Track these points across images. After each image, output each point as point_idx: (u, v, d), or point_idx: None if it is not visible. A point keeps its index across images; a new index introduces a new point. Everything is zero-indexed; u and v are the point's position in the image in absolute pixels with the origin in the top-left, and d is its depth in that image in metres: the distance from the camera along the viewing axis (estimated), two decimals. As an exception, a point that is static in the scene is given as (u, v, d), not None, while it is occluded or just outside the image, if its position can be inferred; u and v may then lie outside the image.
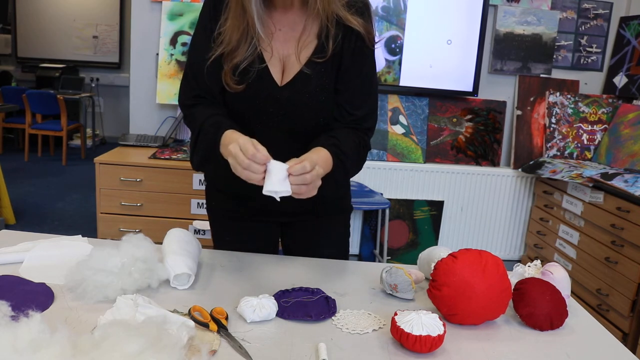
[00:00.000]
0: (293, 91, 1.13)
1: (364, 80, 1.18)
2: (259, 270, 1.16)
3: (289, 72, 1.14)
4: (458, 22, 3.25)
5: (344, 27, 1.12)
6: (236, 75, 1.11)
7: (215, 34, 1.10)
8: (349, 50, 1.14)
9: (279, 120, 1.15)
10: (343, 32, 1.12)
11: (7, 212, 3.59)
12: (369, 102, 1.20)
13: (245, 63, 1.10)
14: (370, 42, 1.15)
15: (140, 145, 3.05)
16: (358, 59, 1.15)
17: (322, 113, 1.16)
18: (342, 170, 1.14)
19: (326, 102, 1.16)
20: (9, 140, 6.33)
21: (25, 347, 0.68)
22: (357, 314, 1.00)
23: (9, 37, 6.64)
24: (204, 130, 1.11)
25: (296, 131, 1.17)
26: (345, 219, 1.40)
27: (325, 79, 1.14)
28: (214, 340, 0.86)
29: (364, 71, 1.17)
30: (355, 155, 1.17)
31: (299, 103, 1.13)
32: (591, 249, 2.77)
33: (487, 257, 0.97)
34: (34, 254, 1.11)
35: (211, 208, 1.36)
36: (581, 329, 1.02)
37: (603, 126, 3.40)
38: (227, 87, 1.12)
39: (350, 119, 1.18)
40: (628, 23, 3.40)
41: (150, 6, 3.14)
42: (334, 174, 1.10)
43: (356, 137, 1.17)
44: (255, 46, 1.10)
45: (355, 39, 1.14)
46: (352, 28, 1.11)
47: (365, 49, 1.15)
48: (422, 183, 3.36)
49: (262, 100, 1.13)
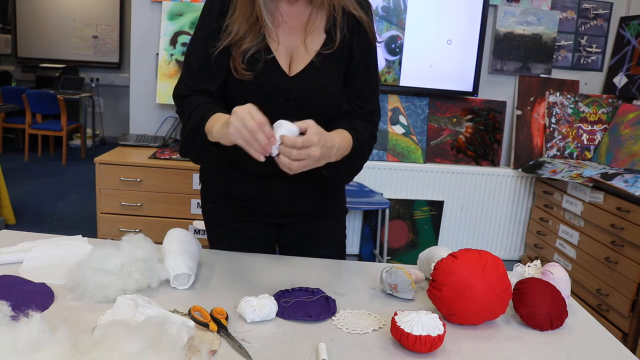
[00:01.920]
0: (303, 82, 1.14)
1: (372, 75, 1.22)
2: (259, 270, 1.16)
3: (298, 64, 1.15)
4: (458, 22, 3.25)
5: (350, 18, 1.15)
6: (244, 63, 1.11)
7: (224, 26, 1.11)
8: (358, 44, 1.17)
9: (288, 111, 1.15)
10: (351, 25, 1.15)
11: (7, 212, 3.59)
12: (376, 96, 1.25)
13: (253, 50, 1.11)
14: (374, 38, 1.19)
15: (140, 145, 3.05)
16: (366, 54, 1.19)
17: (331, 104, 1.18)
18: (360, 154, 1.17)
19: (335, 93, 1.18)
20: (9, 140, 6.33)
21: (25, 347, 0.68)
22: (357, 314, 1.00)
23: (9, 37, 6.64)
24: (196, 110, 1.10)
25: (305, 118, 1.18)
26: (341, 221, 1.41)
27: (334, 70, 1.16)
28: (214, 340, 0.86)
29: (372, 66, 1.21)
30: (369, 145, 1.21)
31: (309, 94, 1.15)
32: (591, 249, 2.77)
33: (487, 257, 0.97)
34: (34, 254, 1.11)
35: (207, 210, 1.36)
36: (581, 329, 1.02)
37: (603, 126, 3.40)
38: (235, 73, 1.12)
39: (362, 112, 1.21)
40: (628, 23, 3.40)
41: (150, 6, 3.14)
42: (351, 158, 1.13)
43: (369, 128, 1.21)
44: (263, 35, 1.12)
45: (363, 34, 1.17)
46: (359, 22, 1.15)
47: (371, 44, 1.19)
48: (422, 183, 3.36)
49: (272, 90, 1.14)
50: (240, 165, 1.22)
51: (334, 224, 1.39)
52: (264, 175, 1.23)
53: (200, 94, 1.16)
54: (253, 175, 1.23)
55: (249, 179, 1.25)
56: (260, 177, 1.23)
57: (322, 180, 1.23)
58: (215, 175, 1.31)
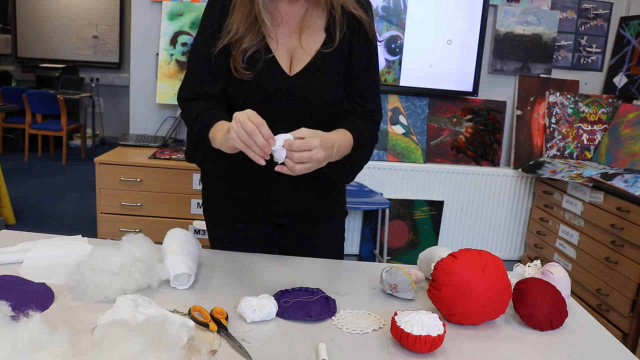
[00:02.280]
0: (304, 81, 1.14)
1: (373, 75, 1.22)
2: (259, 270, 1.16)
3: (298, 63, 1.15)
4: (458, 22, 3.25)
5: (350, 17, 1.15)
6: (244, 62, 1.12)
7: (224, 26, 1.11)
8: (358, 44, 1.17)
9: (289, 111, 1.16)
10: (351, 24, 1.15)
11: (7, 212, 3.59)
12: (377, 96, 1.25)
13: (252, 49, 1.11)
14: (374, 37, 1.19)
15: (140, 145, 3.05)
16: (366, 53, 1.19)
17: (331, 103, 1.19)
18: (362, 154, 1.18)
19: (335, 92, 1.18)
20: (9, 140, 6.33)
21: (25, 347, 0.68)
22: (357, 314, 1.00)
23: (9, 37, 6.64)
24: (200, 116, 1.11)
25: (305, 123, 1.18)
26: (341, 223, 1.41)
27: (334, 69, 1.17)
28: (214, 340, 0.86)
29: (372, 65, 1.21)
30: (370, 144, 1.21)
31: (310, 93, 1.15)
32: (591, 249, 2.77)
33: (487, 257, 0.97)
34: (34, 254, 1.11)
35: (208, 210, 1.36)
36: (581, 329, 1.02)
37: (603, 126, 3.40)
38: (236, 73, 1.12)
39: (363, 111, 1.22)
40: (628, 23, 3.40)
41: (150, 6, 3.14)
42: (352, 157, 1.14)
43: (370, 128, 1.21)
44: (262, 35, 1.12)
45: (363, 33, 1.17)
46: (358, 21, 1.15)
47: (371, 43, 1.19)
48: (422, 183, 3.36)
49: (272, 90, 1.14)
50: (242, 167, 1.23)
51: (335, 226, 1.39)
52: (266, 175, 1.23)
53: (204, 97, 1.16)
54: (255, 176, 1.23)
55: (250, 179, 1.25)
56: (261, 178, 1.23)
57: (322, 180, 1.23)
58: (216, 176, 1.32)
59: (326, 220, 1.35)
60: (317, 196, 1.30)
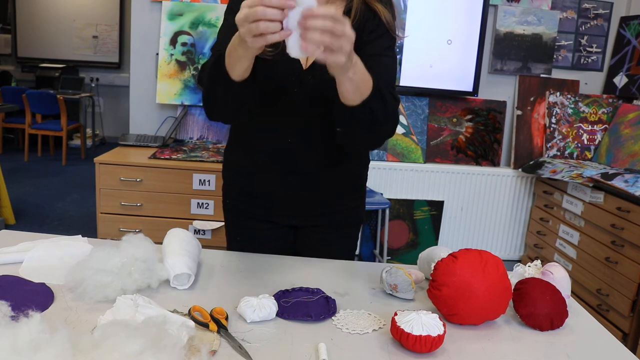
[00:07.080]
0: (317, 72, 1.14)
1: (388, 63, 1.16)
2: (259, 270, 1.16)
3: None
4: (458, 22, 3.25)
5: (368, 8, 1.15)
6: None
7: None
8: (369, 29, 1.15)
9: (302, 98, 1.17)
10: (366, 13, 1.15)
11: (7, 212, 3.59)
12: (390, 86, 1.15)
13: None
14: (392, 30, 1.16)
15: (140, 145, 3.05)
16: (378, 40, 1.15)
17: None
18: (382, 104, 1.04)
19: None
20: (9, 140, 6.33)
21: (25, 347, 0.68)
22: (357, 314, 0.99)
23: (9, 37, 6.64)
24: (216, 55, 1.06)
25: (319, 110, 1.18)
26: (356, 231, 1.41)
27: None
28: (214, 340, 0.86)
29: (384, 55, 1.16)
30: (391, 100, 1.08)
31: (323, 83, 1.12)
32: (591, 249, 2.77)
33: (487, 257, 0.97)
34: (34, 254, 1.11)
35: (225, 206, 1.37)
36: (581, 329, 1.02)
37: (603, 126, 3.40)
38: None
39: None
40: (628, 23, 3.40)
41: (150, 6, 3.14)
42: (370, 102, 1.01)
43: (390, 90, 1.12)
44: None
45: (378, 22, 1.16)
46: (375, 13, 1.14)
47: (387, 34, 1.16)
48: (422, 183, 3.36)
49: (286, 80, 1.15)
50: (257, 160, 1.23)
51: (352, 234, 1.39)
52: (282, 172, 1.24)
53: None
54: (272, 172, 1.24)
55: (267, 173, 1.26)
56: (277, 174, 1.24)
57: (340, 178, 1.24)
58: (235, 170, 1.32)
59: (344, 228, 1.35)
60: (334, 197, 1.29)
